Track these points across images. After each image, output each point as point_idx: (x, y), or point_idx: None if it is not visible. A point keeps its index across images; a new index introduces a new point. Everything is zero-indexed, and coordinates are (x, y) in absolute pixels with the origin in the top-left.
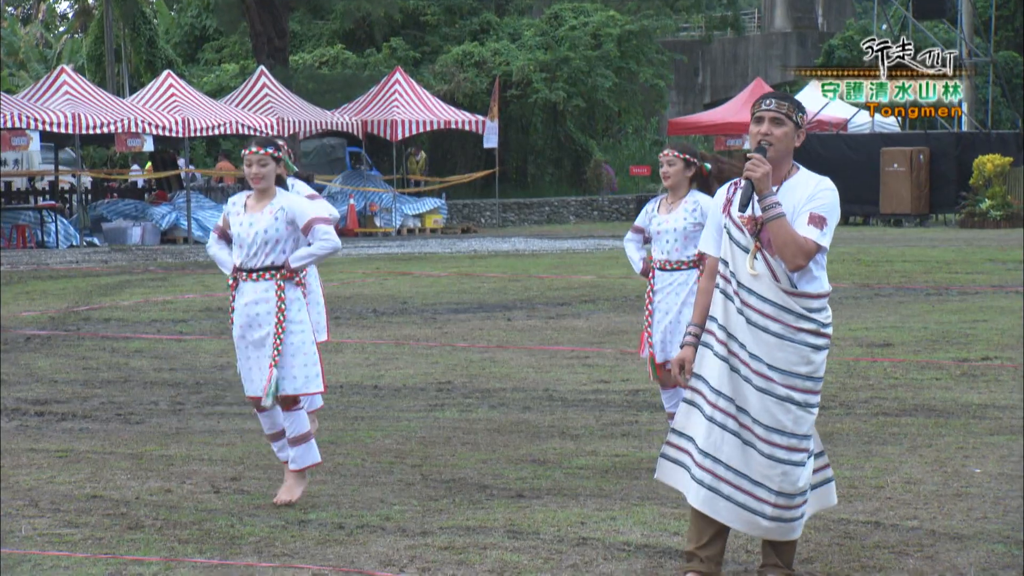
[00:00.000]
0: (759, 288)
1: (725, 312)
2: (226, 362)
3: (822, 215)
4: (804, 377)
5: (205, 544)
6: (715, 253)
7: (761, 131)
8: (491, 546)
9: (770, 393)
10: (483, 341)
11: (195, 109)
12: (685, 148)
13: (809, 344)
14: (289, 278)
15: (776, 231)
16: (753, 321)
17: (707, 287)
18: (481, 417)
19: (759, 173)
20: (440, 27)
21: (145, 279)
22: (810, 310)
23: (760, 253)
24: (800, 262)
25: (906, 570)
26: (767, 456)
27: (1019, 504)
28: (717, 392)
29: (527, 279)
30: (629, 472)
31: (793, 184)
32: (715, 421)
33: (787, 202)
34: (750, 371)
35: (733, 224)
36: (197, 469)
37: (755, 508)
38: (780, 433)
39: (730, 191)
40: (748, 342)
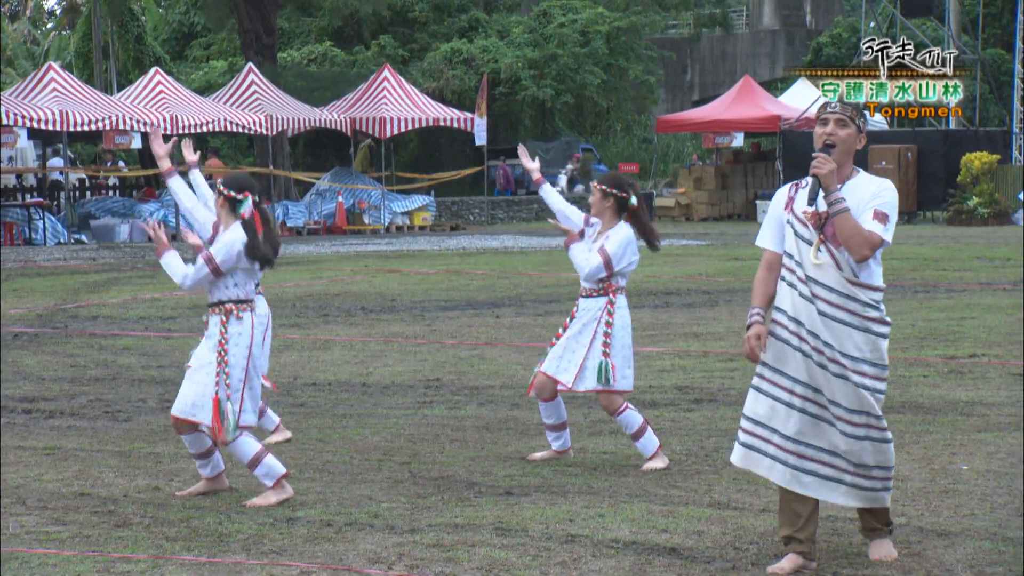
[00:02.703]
0: (824, 279)
1: (793, 303)
2: None
3: (885, 212)
4: (871, 363)
5: (193, 542)
6: (774, 248)
7: (826, 132)
8: (479, 543)
9: (846, 378)
10: (472, 338)
11: (183, 106)
12: (610, 180)
13: (875, 332)
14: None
15: (842, 224)
16: (823, 311)
17: (764, 278)
18: (470, 414)
19: (825, 170)
20: (429, 24)
21: (133, 276)
22: (874, 300)
23: (824, 245)
24: (866, 252)
25: (895, 567)
26: (850, 435)
27: (1007, 501)
28: (794, 380)
29: (516, 276)
30: (617, 469)
31: (855, 185)
32: (794, 407)
33: (850, 200)
34: (824, 358)
35: (797, 220)
36: (185, 467)
37: (837, 478)
38: (858, 413)
39: (791, 190)
40: (820, 331)
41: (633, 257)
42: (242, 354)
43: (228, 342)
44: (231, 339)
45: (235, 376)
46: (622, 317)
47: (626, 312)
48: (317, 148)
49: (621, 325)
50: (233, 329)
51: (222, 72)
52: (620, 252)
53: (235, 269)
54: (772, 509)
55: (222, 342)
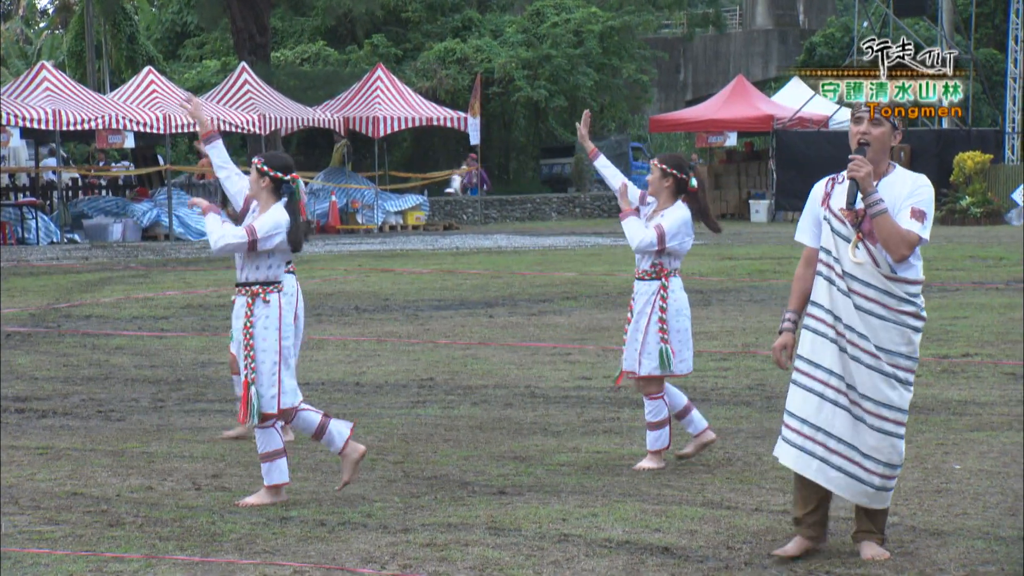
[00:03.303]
0: (862, 274)
1: (831, 297)
2: (207, 359)
3: (923, 209)
4: (905, 356)
5: (186, 541)
6: (811, 244)
7: (860, 130)
8: (473, 543)
9: (879, 371)
10: (465, 338)
11: (176, 106)
12: (670, 160)
13: (910, 326)
14: (257, 294)
15: (881, 225)
16: (860, 305)
17: (803, 274)
18: (463, 414)
19: (862, 173)
20: (422, 24)
21: (126, 276)
22: (910, 294)
23: (862, 242)
24: (904, 252)
25: (887, 566)
26: (876, 429)
27: (999, 500)
28: (829, 372)
29: (509, 276)
30: (611, 469)
31: (891, 181)
32: (826, 398)
33: (887, 197)
34: (859, 351)
35: (834, 216)
36: (178, 466)
37: (864, 479)
38: (888, 407)
39: (828, 186)
40: (856, 324)
41: (687, 238)
42: (272, 336)
43: (254, 325)
44: (257, 322)
45: (267, 359)
46: (676, 300)
47: (681, 295)
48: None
49: (676, 309)
50: (260, 311)
51: (215, 71)
52: (675, 230)
53: (271, 251)
54: (765, 509)
55: (247, 325)
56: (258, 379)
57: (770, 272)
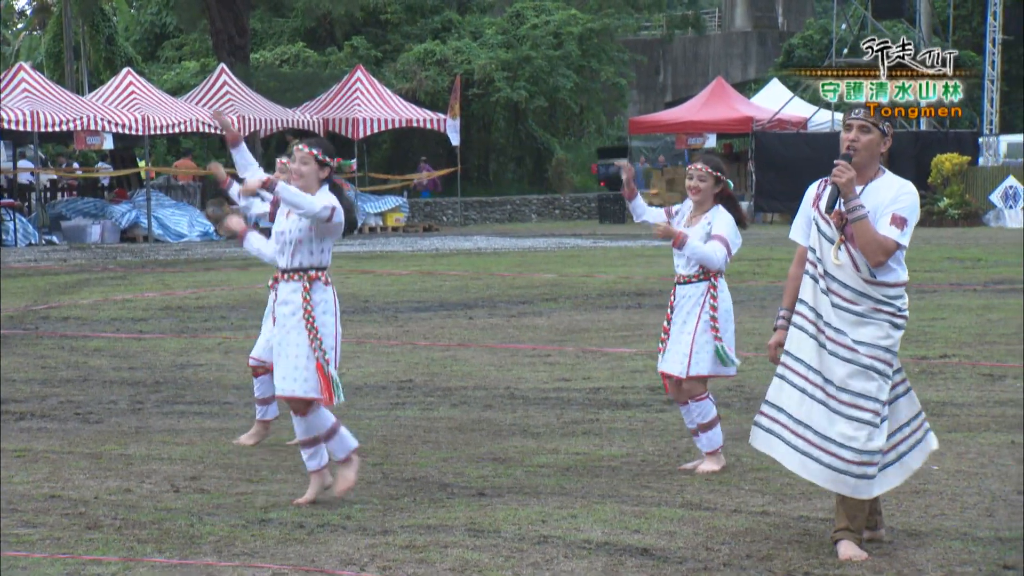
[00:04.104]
0: (841, 276)
1: (814, 294)
2: (186, 361)
3: (903, 216)
4: (885, 349)
5: (164, 544)
6: (804, 243)
7: (849, 137)
8: (452, 544)
9: (856, 363)
10: (444, 339)
11: (155, 107)
12: (717, 164)
13: (888, 323)
14: (315, 279)
15: (860, 231)
16: (837, 304)
17: (796, 273)
18: (442, 415)
19: (844, 179)
20: (401, 25)
21: (104, 278)
22: (889, 297)
23: (844, 245)
24: (881, 259)
25: (866, 567)
26: (853, 419)
27: (977, 501)
28: (808, 366)
29: (488, 277)
30: (590, 470)
31: (878, 186)
32: (806, 392)
33: (871, 202)
34: (837, 345)
35: (821, 217)
36: (156, 468)
37: (843, 468)
38: (865, 398)
39: (820, 187)
40: (833, 320)
41: (738, 239)
42: (331, 322)
43: (315, 308)
44: (317, 307)
45: (328, 344)
46: (725, 301)
47: (728, 296)
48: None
49: (725, 309)
50: (319, 296)
51: (194, 73)
52: (732, 235)
53: (331, 232)
54: (744, 510)
55: (308, 309)
56: (331, 360)
57: (748, 274)
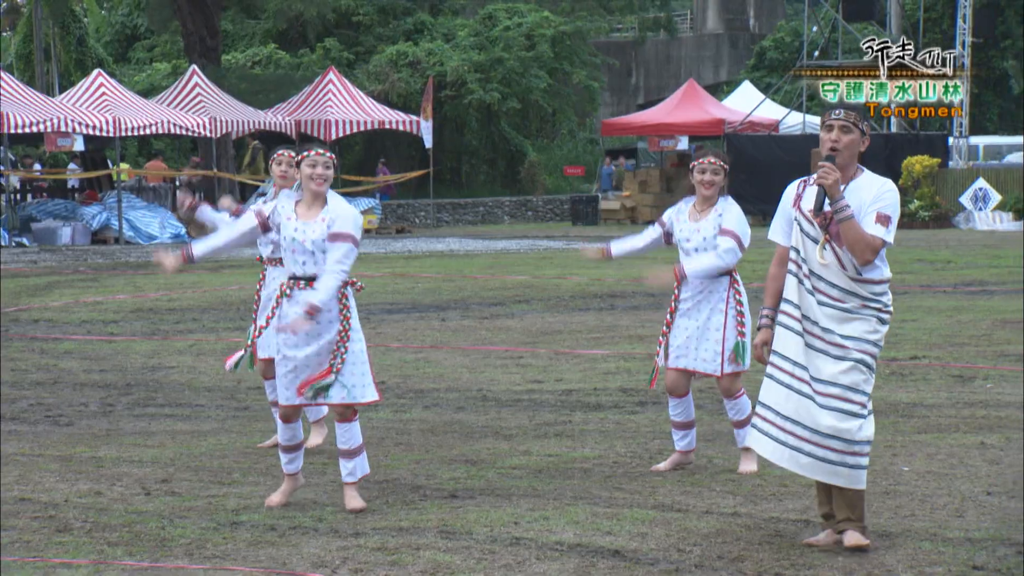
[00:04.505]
0: (827, 275)
1: (799, 294)
2: (157, 363)
3: (887, 214)
4: (872, 343)
5: (135, 547)
6: (784, 243)
7: (831, 138)
8: (424, 546)
9: (846, 359)
10: (417, 341)
11: (126, 108)
12: (725, 157)
13: (875, 319)
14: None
15: (847, 231)
16: (823, 302)
17: (776, 273)
18: (415, 417)
19: (830, 180)
20: (374, 27)
21: (75, 280)
22: (875, 294)
23: (828, 244)
24: (868, 257)
25: (836, 568)
26: (841, 411)
27: (946, 502)
28: (795, 363)
29: (461, 279)
30: (562, 472)
31: (858, 185)
32: (793, 388)
33: (853, 202)
34: (825, 343)
35: (803, 217)
36: (127, 471)
37: (835, 460)
38: (853, 391)
39: (800, 187)
40: (820, 319)
41: (748, 229)
42: (359, 326)
43: (349, 310)
44: (352, 312)
45: (361, 348)
46: (744, 294)
47: (743, 287)
48: None
49: (746, 302)
50: (352, 301)
51: (166, 74)
52: (743, 226)
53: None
54: (715, 511)
55: (347, 316)
56: (346, 368)
57: None
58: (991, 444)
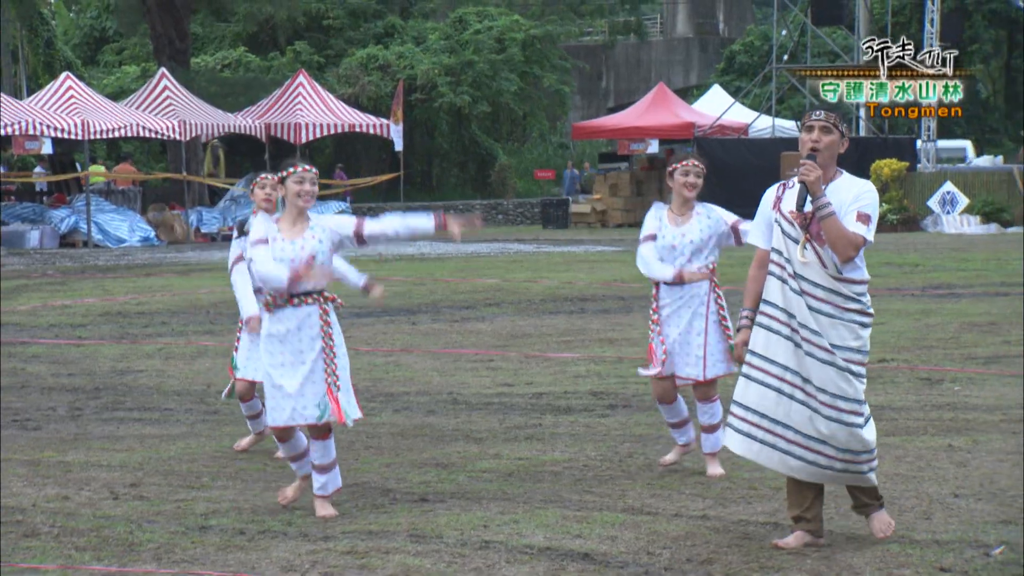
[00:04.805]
0: (810, 275)
1: (784, 296)
2: (125, 367)
3: (867, 213)
4: (855, 351)
5: (103, 551)
6: (764, 245)
7: (811, 138)
8: (393, 550)
9: (833, 365)
10: (387, 345)
11: (95, 111)
12: (702, 160)
13: (857, 322)
14: (331, 300)
15: (829, 228)
16: (811, 305)
17: (756, 275)
18: (385, 421)
19: (812, 177)
20: (344, 30)
21: (43, 283)
22: (856, 293)
23: (809, 243)
24: (851, 253)
25: (804, 570)
26: (832, 419)
27: (914, 504)
28: (784, 367)
29: (432, 282)
30: (532, 475)
31: (838, 186)
32: (783, 392)
33: (834, 201)
34: (813, 347)
35: (784, 219)
36: (95, 475)
37: (824, 464)
38: (843, 399)
39: (779, 190)
40: (809, 322)
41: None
42: (343, 342)
43: (332, 328)
44: (334, 329)
45: (346, 364)
46: (723, 297)
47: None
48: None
49: (726, 305)
50: (335, 318)
51: (135, 77)
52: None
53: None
54: (685, 514)
55: (329, 333)
56: (343, 385)
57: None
58: (958, 447)
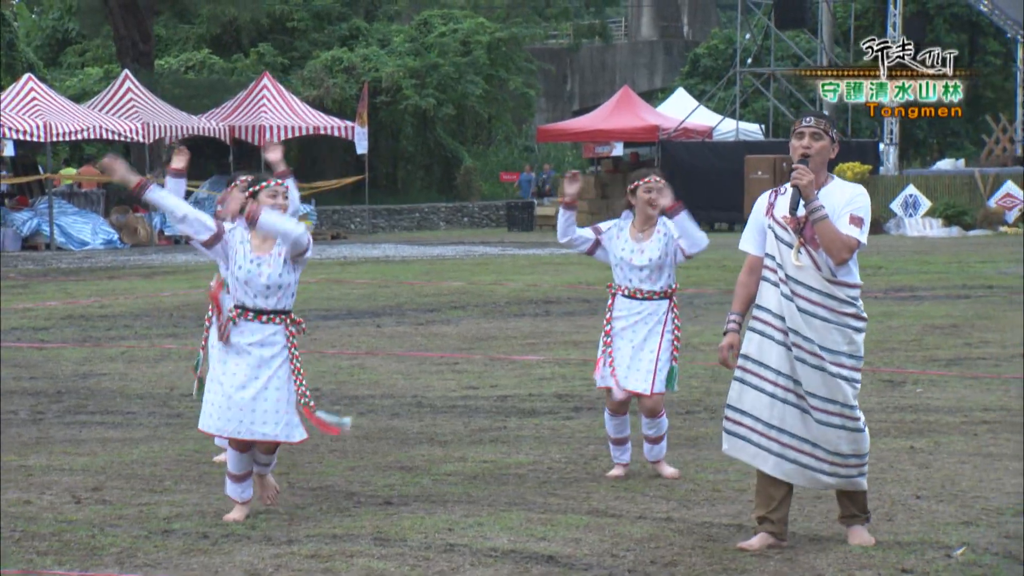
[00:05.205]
0: (804, 278)
1: (777, 301)
2: (88, 370)
3: (860, 216)
4: (848, 355)
5: (65, 556)
6: (756, 252)
7: (803, 144)
8: (358, 554)
9: (823, 370)
10: (352, 348)
11: (57, 114)
12: (663, 174)
13: (851, 327)
14: (297, 323)
15: (823, 231)
16: (803, 308)
17: (746, 281)
18: None
19: (805, 181)
20: (309, 33)
21: (5, 286)
22: (851, 297)
23: (803, 248)
24: (845, 256)
25: (767, 571)
26: (823, 423)
27: (876, 505)
28: (777, 372)
29: (397, 285)
30: (497, 478)
31: (830, 191)
32: (777, 397)
33: (827, 205)
34: (804, 352)
35: (777, 224)
36: (57, 479)
37: (816, 467)
38: (833, 403)
39: (771, 196)
40: (801, 327)
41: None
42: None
43: (297, 351)
44: (297, 349)
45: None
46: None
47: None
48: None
49: (680, 326)
50: (299, 340)
51: (98, 79)
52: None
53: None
54: (649, 516)
55: (296, 356)
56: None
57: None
58: (920, 448)
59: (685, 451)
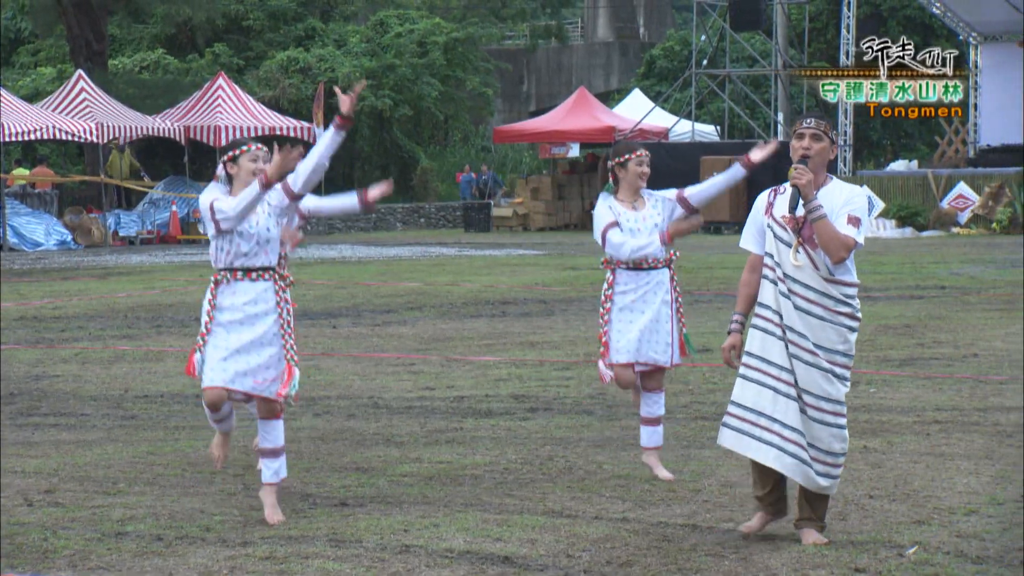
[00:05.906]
0: (802, 277)
1: (776, 299)
2: (41, 372)
3: (858, 216)
4: (842, 354)
5: (17, 559)
6: (757, 251)
7: (803, 145)
8: (313, 555)
9: (817, 367)
10: (308, 349)
11: (10, 114)
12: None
13: (846, 325)
14: (285, 279)
15: (821, 230)
16: (799, 306)
17: (748, 280)
18: (305, 425)
19: (804, 180)
20: (264, 33)
21: None
22: (847, 296)
23: (802, 247)
24: (843, 255)
25: (722, 571)
26: (816, 420)
27: (831, 505)
28: (780, 367)
29: (353, 286)
30: (453, 479)
31: (829, 191)
32: (779, 391)
33: (825, 206)
34: (799, 349)
35: (776, 223)
36: (9, 482)
37: (811, 465)
38: (826, 400)
39: (770, 196)
40: (796, 324)
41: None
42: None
43: (284, 309)
44: (288, 307)
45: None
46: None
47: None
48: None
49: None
50: (289, 295)
51: (51, 79)
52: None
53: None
54: (605, 516)
55: (284, 312)
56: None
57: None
58: (873, 448)
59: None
